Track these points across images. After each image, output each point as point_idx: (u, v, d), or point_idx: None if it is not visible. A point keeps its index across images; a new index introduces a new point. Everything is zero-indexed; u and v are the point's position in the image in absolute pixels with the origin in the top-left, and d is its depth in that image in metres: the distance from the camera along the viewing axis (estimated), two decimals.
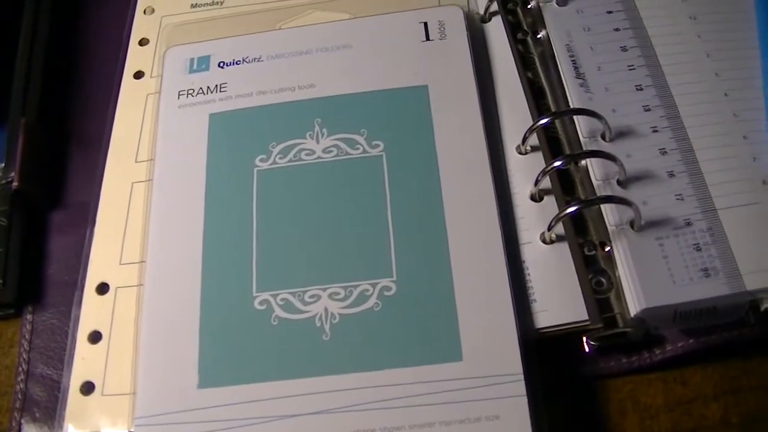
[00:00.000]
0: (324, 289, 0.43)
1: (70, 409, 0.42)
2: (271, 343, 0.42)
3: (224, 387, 0.41)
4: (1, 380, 0.46)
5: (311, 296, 0.43)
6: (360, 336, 0.41)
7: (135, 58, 0.53)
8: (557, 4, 0.50)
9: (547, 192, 0.45)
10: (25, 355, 0.46)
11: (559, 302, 0.42)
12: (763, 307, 0.41)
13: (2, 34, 0.53)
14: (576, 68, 0.48)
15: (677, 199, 0.43)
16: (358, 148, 0.46)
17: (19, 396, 0.44)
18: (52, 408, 0.44)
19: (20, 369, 0.45)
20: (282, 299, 0.43)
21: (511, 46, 0.50)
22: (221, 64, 0.50)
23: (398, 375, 0.40)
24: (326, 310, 0.42)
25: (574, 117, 0.46)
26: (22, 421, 0.44)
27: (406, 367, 0.40)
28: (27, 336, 0.46)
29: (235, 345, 0.42)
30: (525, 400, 0.39)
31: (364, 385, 0.40)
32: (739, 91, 0.46)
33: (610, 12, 0.49)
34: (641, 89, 0.47)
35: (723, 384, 0.42)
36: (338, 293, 0.43)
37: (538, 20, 0.51)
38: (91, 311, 0.45)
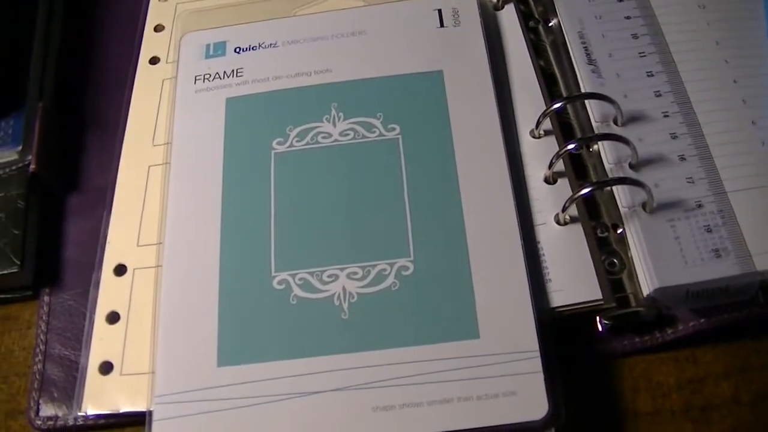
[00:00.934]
0: (342, 269, 0.43)
1: (89, 389, 0.43)
2: (289, 321, 0.42)
3: (243, 365, 0.41)
4: (19, 361, 0.46)
5: (329, 276, 0.43)
6: (378, 315, 0.42)
7: (150, 44, 0.54)
8: None
9: (560, 175, 0.46)
10: (42, 337, 0.46)
11: (574, 282, 0.43)
12: None
13: (19, 20, 0.53)
14: (588, 55, 0.48)
15: (688, 182, 0.44)
16: (374, 131, 0.47)
17: (37, 377, 0.45)
18: (70, 388, 0.44)
19: (38, 350, 0.46)
20: (300, 279, 0.43)
21: (523, 34, 0.51)
22: (237, 50, 0.51)
23: (416, 352, 0.41)
24: (344, 289, 0.43)
25: (587, 102, 0.47)
26: (41, 401, 0.44)
27: (424, 344, 0.41)
28: (44, 317, 0.47)
29: (254, 324, 0.42)
30: (541, 376, 0.40)
31: (383, 363, 0.41)
32: (748, 78, 0.47)
33: (620, 0, 0.50)
34: (652, 75, 0.47)
35: (733, 363, 0.43)
36: (356, 273, 0.43)
37: (549, 9, 0.51)
38: (109, 292, 0.45)
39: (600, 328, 0.43)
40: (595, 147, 0.46)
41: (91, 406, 0.43)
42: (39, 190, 0.49)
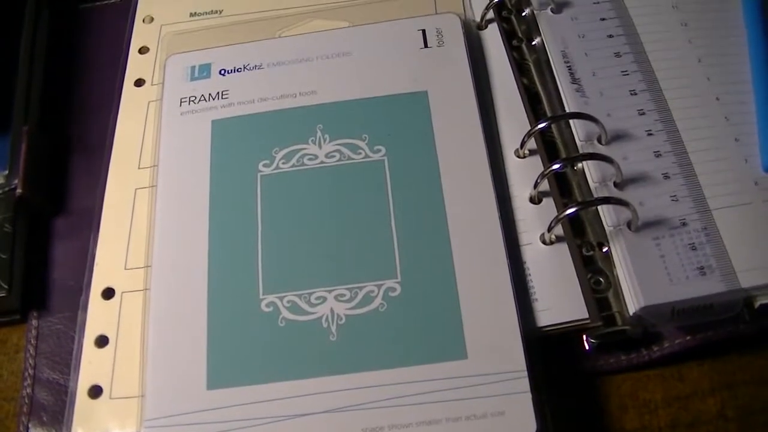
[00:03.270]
0: (330, 291, 0.43)
1: (78, 413, 0.43)
2: (278, 344, 0.42)
3: (233, 388, 0.41)
4: (7, 386, 0.46)
5: (317, 298, 0.43)
6: (366, 336, 0.42)
7: (135, 66, 0.54)
8: (552, 11, 0.51)
9: (545, 194, 0.46)
10: (31, 361, 0.46)
11: (560, 301, 0.43)
12: (757, 304, 0.42)
13: (3, 43, 0.53)
14: (572, 74, 0.49)
15: (672, 200, 0.44)
16: (360, 153, 0.47)
17: (26, 401, 0.45)
18: (59, 412, 0.44)
19: (26, 374, 0.46)
20: (288, 301, 0.43)
21: (507, 53, 0.51)
22: (222, 72, 0.51)
23: (405, 373, 0.41)
24: (332, 311, 0.43)
25: (571, 121, 0.47)
26: (30, 425, 0.44)
27: (412, 365, 0.41)
28: (33, 341, 0.47)
29: (243, 346, 0.43)
30: (529, 396, 0.40)
31: (372, 384, 0.41)
32: (730, 95, 0.48)
33: (603, 19, 0.51)
34: (635, 94, 0.48)
35: (719, 379, 0.43)
36: (344, 294, 0.43)
37: (532, 27, 0.52)
38: (98, 316, 0.45)
39: (587, 347, 0.43)
40: (580, 166, 0.46)
41: (81, 431, 0.42)
42: (26, 214, 0.49)
